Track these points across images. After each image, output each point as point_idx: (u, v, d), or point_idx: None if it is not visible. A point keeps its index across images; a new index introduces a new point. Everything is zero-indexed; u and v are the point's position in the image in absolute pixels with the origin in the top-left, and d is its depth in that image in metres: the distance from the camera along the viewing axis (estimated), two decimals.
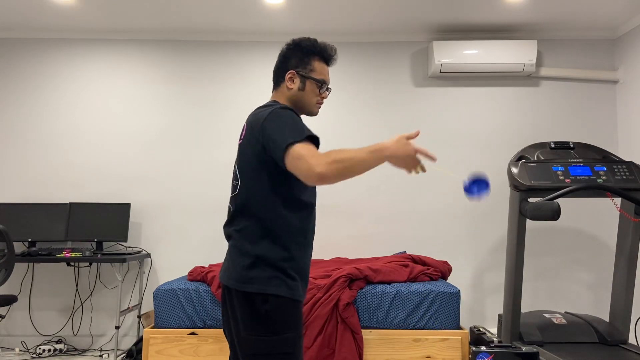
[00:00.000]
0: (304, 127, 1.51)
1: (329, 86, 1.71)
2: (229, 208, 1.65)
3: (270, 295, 1.50)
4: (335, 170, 1.39)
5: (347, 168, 1.40)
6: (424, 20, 3.93)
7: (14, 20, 3.98)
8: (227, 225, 1.65)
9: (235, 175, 1.65)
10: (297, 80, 1.67)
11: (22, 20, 3.98)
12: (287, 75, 1.67)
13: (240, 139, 1.66)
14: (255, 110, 1.65)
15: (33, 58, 4.20)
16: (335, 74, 4.21)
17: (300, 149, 1.43)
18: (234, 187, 1.64)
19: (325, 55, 1.70)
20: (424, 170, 1.51)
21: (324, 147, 4.13)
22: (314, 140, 1.52)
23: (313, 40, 1.70)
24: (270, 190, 1.55)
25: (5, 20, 3.98)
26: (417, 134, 1.49)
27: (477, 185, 1.60)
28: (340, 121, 4.17)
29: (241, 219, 1.59)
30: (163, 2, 3.64)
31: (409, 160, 1.45)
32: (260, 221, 1.55)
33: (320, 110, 4.16)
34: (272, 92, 1.74)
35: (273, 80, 1.73)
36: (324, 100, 1.72)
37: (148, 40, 4.24)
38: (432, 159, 1.48)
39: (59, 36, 4.21)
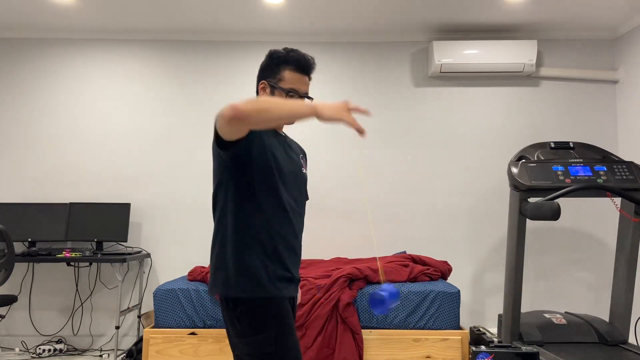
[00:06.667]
0: None
1: (301, 95, 1.69)
2: None
3: (237, 299, 1.53)
4: (251, 106, 1.33)
5: (263, 107, 1.34)
6: (424, 20, 3.93)
7: (14, 20, 3.98)
8: None
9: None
10: (268, 90, 1.70)
11: (22, 20, 3.98)
12: (260, 86, 1.72)
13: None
14: None
15: (33, 58, 4.20)
16: (335, 73, 4.20)
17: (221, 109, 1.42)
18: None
19: (297, 64, 1.68)
20: (360, 130, 1.40)
21: (324, 147, 4.13)
22: None
23: (287, 50, 1.69)
24: (231, 193, 1.57)
25: (5, 20, 3.98)
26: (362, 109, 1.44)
27: (381, 303, 1.52)
28: None
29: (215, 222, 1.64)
30: (163, 2, 3.64)
31: (339, 109, 1.38)
32: (221, 224, 1.59)
33: None
34: None
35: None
36: None
37: (148, 40, 4.24)
38: (365, 113, 1.43)
39: (59, 36, 4.21)
